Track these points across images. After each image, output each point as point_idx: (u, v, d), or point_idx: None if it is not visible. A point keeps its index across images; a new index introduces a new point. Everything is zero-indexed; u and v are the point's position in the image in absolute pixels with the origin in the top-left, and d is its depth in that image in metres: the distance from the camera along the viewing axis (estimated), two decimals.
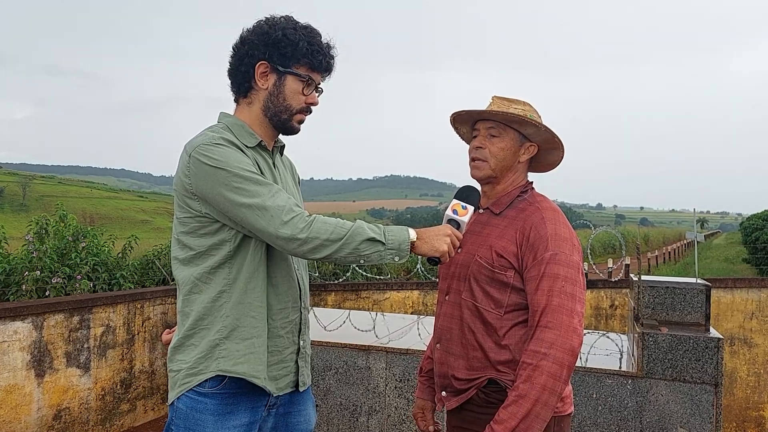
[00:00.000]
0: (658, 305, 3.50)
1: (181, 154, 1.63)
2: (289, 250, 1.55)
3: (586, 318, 6.39)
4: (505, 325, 1.72)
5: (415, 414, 2.06)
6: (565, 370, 1.58)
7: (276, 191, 1.56)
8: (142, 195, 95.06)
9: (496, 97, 1.84)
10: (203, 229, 1.62)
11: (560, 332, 1.59)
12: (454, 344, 1.80)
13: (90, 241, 5.74)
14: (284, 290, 1.71)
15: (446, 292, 1.86)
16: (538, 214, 1.74)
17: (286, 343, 1.72)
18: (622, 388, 3.36)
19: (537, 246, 1.68)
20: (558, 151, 1.85)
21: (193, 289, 1.63)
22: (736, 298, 5.66)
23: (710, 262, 23.22)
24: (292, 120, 1.73)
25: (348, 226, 1.55)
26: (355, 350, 3.94)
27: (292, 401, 1.78)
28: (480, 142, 1.82)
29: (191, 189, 1.59)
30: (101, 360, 4.67)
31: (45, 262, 5.29)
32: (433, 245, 1.61)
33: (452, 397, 1.80)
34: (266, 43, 1.66)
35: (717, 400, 3.22)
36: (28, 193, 63.38)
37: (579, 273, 1.69)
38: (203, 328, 1.62)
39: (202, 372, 1.60)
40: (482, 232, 1.80)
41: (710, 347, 3.23)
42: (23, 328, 4.11)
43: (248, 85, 1.71)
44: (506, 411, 1.57)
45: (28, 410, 4.13)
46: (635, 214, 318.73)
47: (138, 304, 5.02)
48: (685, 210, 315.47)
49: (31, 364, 4.16)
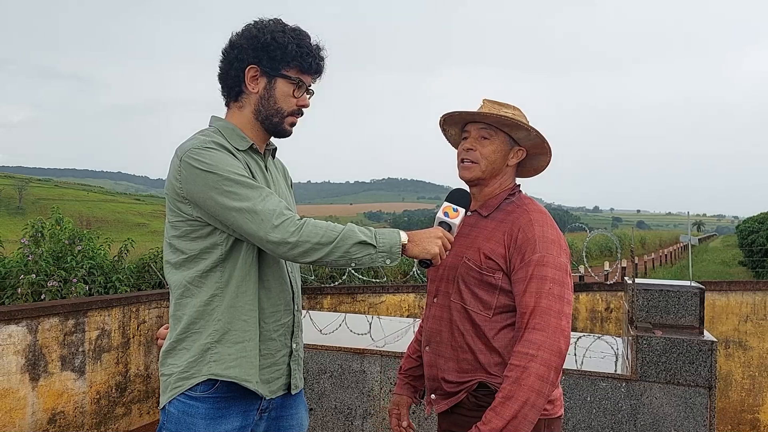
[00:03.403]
0: (653, 308, 3.51)
1: (173, 158, 1.63)
2: (280, 254, 1.55)
3: (582, 321, 6.40)
4: (495, 327, 1.72)
5: (390, 410, 2.03)
6: (552, 372, 1.58)
7: (267, 195, 1.56)
8: (138, 198, 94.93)
9: (486, 100, 1.84)
10: (195, 232, 1.62)
11: (548, 334, 1.60)
12: (443, 347, 1.80)
13: (86, 245, 5.73)
14: (276, 293, 1.71)
15: (435, 294, 1.87)
16: (526, 216, 1.75)
17: (279, 345, 1.72)
18: (616, 391, 3.36)
19: (525, 248, 1.69)
20: (545, 156, 1.86)
21: (185, 292, 1.63)
22: (730, 301, 5.67)
23: (706, 265, 23.29)
24: (284, 123, 1.73)
25: (339, 229, 1.55)
26: (350, 353, 3.93)
27: (284, 405, 1.77)
28: (470, 144, 1.82)
29: (182, 193, 1.59)
30: (96, 364, 4.66)
31: (41, 265, 5.28)
32: (425, 247, 1.61)
33: (442, 400, 1.80)
34: (255, 47, 1.66)
35: (711, 403, 3.23)
36: (24, 196, 63.24)
37: (566, 275, 1.69)
38: (195, 331, 1.62)
39: (194, 376, 1.60)
40: (470, 235, 1.81)
41: (704, 350, 3.24)
42: (18, 332, 4.09)
43: (239, 89, 1.71)
44: (493, 412, 1.58)
45: (23, 414, 4.12)
46: (632, 216, 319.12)
47: (133, 308, 5.01)
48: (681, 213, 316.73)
49: (26, 367, 4.14)
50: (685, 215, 7.97)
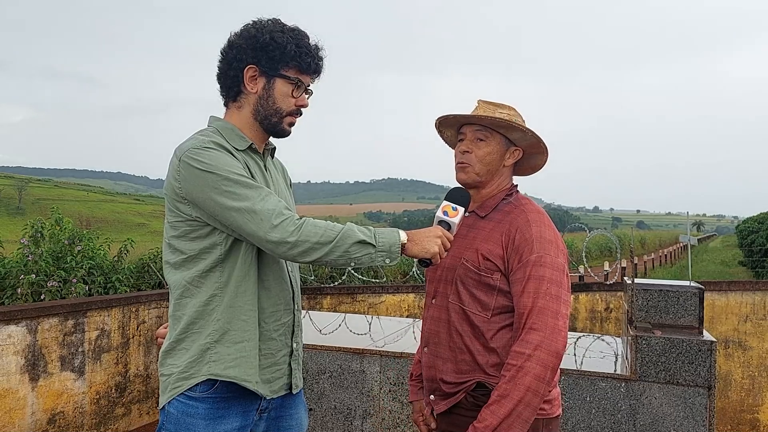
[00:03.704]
0: (652, 308, 3.51)
1: (172, 158, 1.63)
2: (279, 254, 1.55)
3: (581, 321, 6.40)
4: (493, 327, 1.73)
5: (415, 420, 2.03)
6: (549, 372, 1.59)
7: (266, 194, 1.56)
8: (138, 198, 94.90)
9: (482, 101, 1.84)
10: (194, 232, 1.62)
11: (545, 334, 1.60)
12: (442, 348, 1.80)
13: (86, 245, 5.74)
14: (276, 293, 1.71)
15: (433, 295, 1.87)
16: (524, 216, 1.75)
17: (279, 345, 1.72)
18: (615, 391, 3.36)
19: (522, 248, 1.69)
20: (542, 155, 1.87)
21: (185, 293, 1.63)
22: (730, 301, 5.67)
23: (706, 265, 23.30)
24: (283, 123, 1.73)
25: (338, 228, 1.55)
26: (350, 353, 3.93)
27: (283, 405, 1.77)
28: (466, 146, 1.82)
29: (181, 193, 1.59)
30: (96, 364, 4.66)
31: (40, 265, 5.28)
32: (424, 247, 1.61)
33: (441, 401, 1.80)
34: (254, 47, 1.66)
35: (710, 403, 3.23)
36: (24, 197, 63.21)
37: (564, 275, 1.70)
38: (194, 332, 1.62)
39: (194, 376, 1.60)
40: (468, 235, 1.81)
41: (703, 350, 3.24)
42: (17, 332, 4.09)
43: (237, 90, 1.71)
44: (488, 410, 1.58)
45: (22, 414, 4.12)
46: (632, 217, 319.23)
47: (133, 308, 5.01)
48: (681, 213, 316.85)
49: (26, 368, 4.14)
50: (685, 215, 7.98)
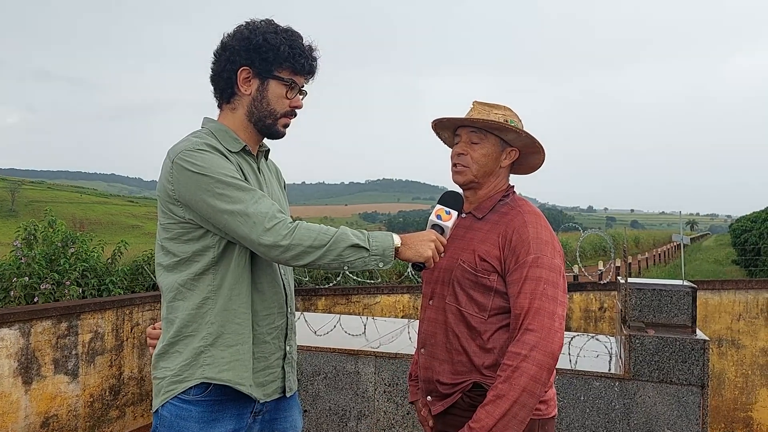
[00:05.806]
0: (645, 307, 3.52)
1: (165, 159, 1.62)
2: (272, 257, 1.54)
3: (575, 320, 6.42)
4: (489, 328, 1.73)
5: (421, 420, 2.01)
6: (545, 372, 1.59)
7: (259, 197, 1.55)
8: (132, 200, 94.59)
9: (477, 102, 1.85)
10: (187, 235, 1.61)
11: (542, 335, 1.60)
12: (438, 349, 1.80)
13: (79, 247, 5.71)
14: (270, 296, 1.70)
15: (430, 296, 1.87)
16: (520, 218, 1.76)
17: (273, 348, 1.71)
18: (609, 390, 3.37)
19: (519, 249, 1.70)
20: (539, 154, 1.87)
21: (177, 295, 1.62)
22: (723, 300, 5.69)
23: (700, 264, 23.39)
24: (277, 124, 1.73)
25: (332, 232, 1.55)
26: (344, 355, 3.93)
27: (278, 408, 1.77)
28: (462, 149, 1.83)
29: (174, 195, 1.58)
30: (90, 366, 4.64)
31: (34, 268, 5.26)
32: (418, 251, 1.61)
33: (437, 402, 1.81)
34: (247, 49, 1.66)
35: (704, 402, 3.24)
36: (17, 199, 62.91)
37: (560, 276, 1.70)
38: (188, 335, 1.61)
39: (187, 379, 1.59)
40: (465, 237, 1.81)
41: (696, 349, 3.25)
42: (10, 335, 4.07)
43: (231, 91, 1.71)
44: (484, 410, 1.58)
45: (15, 418, 4.10)
46: (626, 216, 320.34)
47: (127, 310, 4.99)
48: (675, 212, 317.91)
49: (19, 371, 4.12)
50: (679, 215, 8.01)
